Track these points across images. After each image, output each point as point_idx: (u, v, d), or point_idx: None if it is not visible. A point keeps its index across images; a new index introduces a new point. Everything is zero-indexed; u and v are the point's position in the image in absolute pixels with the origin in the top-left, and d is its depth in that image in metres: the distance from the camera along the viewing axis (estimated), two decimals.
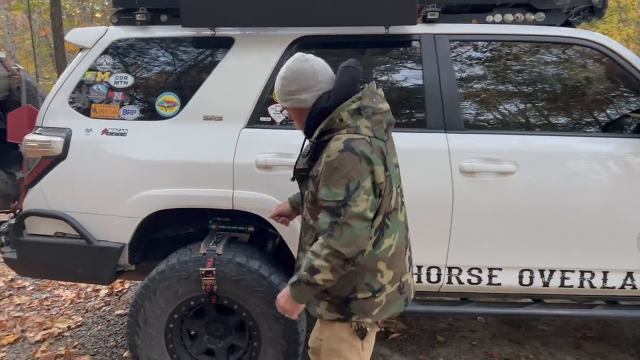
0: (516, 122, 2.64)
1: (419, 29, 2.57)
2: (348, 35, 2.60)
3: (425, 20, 2.60)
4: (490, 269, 2.53)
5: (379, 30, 2.55)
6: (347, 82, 1.80)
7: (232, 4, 2.50)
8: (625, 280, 2.51)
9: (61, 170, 2.57)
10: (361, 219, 1.66)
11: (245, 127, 2.56)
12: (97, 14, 19.88)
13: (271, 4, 2.50)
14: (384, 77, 2.70)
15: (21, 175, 3.00)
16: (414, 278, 2.55)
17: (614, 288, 2.52)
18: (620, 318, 3.35)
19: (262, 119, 2.58)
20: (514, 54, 2.65)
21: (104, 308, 3.93)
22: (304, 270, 1.70)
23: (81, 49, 2.73)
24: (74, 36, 2.75)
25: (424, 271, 2.56)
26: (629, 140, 2.48)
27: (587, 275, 2.51)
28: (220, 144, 2.54)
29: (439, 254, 2.52)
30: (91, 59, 2.67)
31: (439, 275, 2.56)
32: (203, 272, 2.42)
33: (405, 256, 1.91)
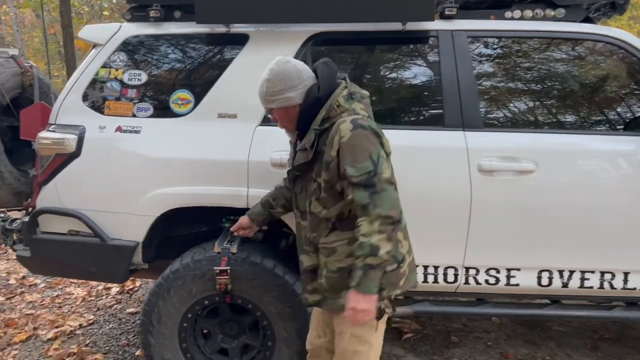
0: (535, 120, 2.59)
1: (436, 25, 2.53)
2: (364, 32, 2.56)
3: (443, 17, 2.55)
4: (509, 270, 2.49)
5: (395, 26, 2.51)
6: (331, 74, 1.94)
7: (247, 0, 2.47)
8: None
9: (75, 168, 2.55)
10: (390, 184, 1.77)
11: (260, 125, 2.53)
12: (105, 12, 19.95)
13: (286, 0, 2.47)
14: (400, 74, 2.66)
15: (34, 173, 3.00)
16: (430, 278, 2.53)
17: (635, 289, 2.47)
18: None
19: None
20: (533, 50, 2.60)
21: (115, 306, 3.93)
22: (365, 257, 1.71)
23: (94, 46, 2.71)
24: (87, 33, 2.73)
25: (440, 271, 2.52)
26: None
27: (608, 276, 2.46)
28: (234, 141, 2.51)
29: (456, 254, 2.48)
30: (104, 55, 2.65)
31: (455, 275, 2.52)
32: (217, 271, 2.40)
33: None
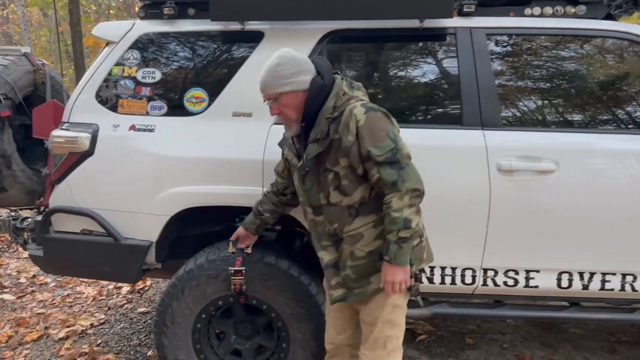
0: (556, 119, 2.55)
1: (454, 22, 2.48)
2: (381, 29, 2.52)
3: (461, 14, 2.51)
4: (528, 271, 2.45)
5: (412, 23, 2.46)
6: (329, 66, 2.02)
7: None
8: None
9: (88, 167, 2.53)
10: (409, 158, 1.86)
11: (275, 124, 2.49)
12: (112, 11, 19.98)
13: None
14: (417, 73, 2.62)
15: (46, 172, 2.98)
16: (447, 280, 2.49)
17: None
18: None
19: None
20: (553, 48, 2.55)
21: (126, 306, 3.91)
22: (399, 230, 1.79)
23: (107, 44, 2.69)
24: (100, 30, 2.70)
25: (458, 273, 2.48)
26: None
27: (629, 279, 2.42)
28: (249, 140, 2.47)
29: (474, 255, 2.44)
30: (118, 53, 2.62)
31: (473, 277, 2.47)
32: (232, 272, 2.37)
33: None
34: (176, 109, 2.57)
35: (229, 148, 2.48)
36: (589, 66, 2.57)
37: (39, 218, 2.64)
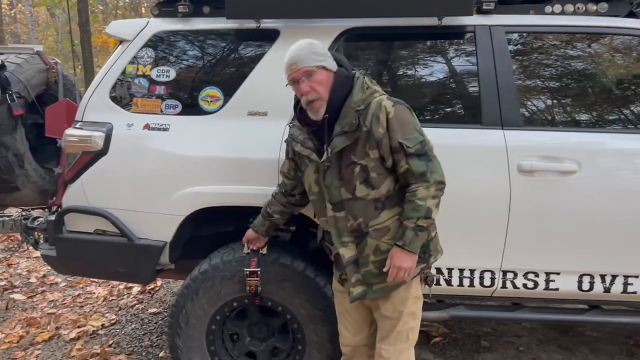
0: (578, 119, 2.50)
1: (473, 20, 2.44)
2: (398, 27, 2.48)
3: (480, 11, 2.47)
4: (548, 274, 2.40)
5: (431, 21, 2.42)
6: (348, 61, 2.04)
7: None
8: None
9: (102, 166, 2.50)
10: (434, 152, 1.90)
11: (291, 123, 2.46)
12: (119, 11, 20.03)
13: None
14: (435, 71, 2.58)
15: (59, 171, 2.97)
16: (465, 282, 2.45)
17: None
18: None
19: None
20: (574, 46, 2.50)
21: (137, 306, 3.89)
22: (418, 218, 1.83)
23: (121, 42, 2.66)
24: (114, 28, 2.68)
25: (476, 275, 2.43)
26: None
27: None
28: (265, 140, 2.44)
29: (493, 257, 2.39)
30: (132, 51, 2.59)
31: (492, 279, 2.43)
32: (247, 273, 2.34)
33: None
34: (191, 107, 2.54)
35: (245, 147, 2.45)
36: (610, 65, 2.52)
37: (52, 218, 2.62)
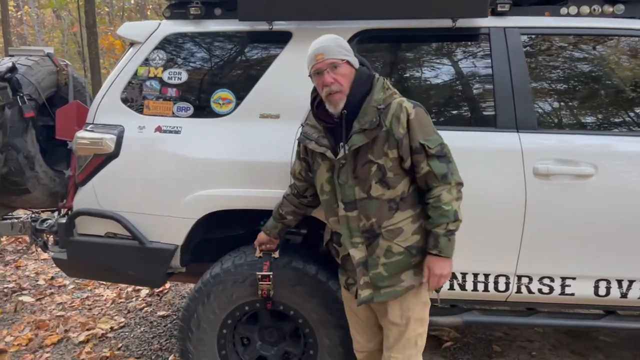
0: (594, 122, 2.47)
1: (488, 22, 2.42)
2: (412, 29, 2.46)
3: (495, 13, 2.44)
4: (564, 278, 2.37)
5: (445, 23, 2.40)
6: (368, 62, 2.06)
7: None
8: None
9: (113, 169, 2.49)
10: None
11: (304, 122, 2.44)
12: (125, 13, 20.08)
13: None
14: (449, 73, 2.55)
15: (69, 173, 2.95)
16: (480, 287, 2.42)
17: None
18: None
19: None
20: (590, 48, 2.47)
21: (145, 309, 3.87)
22: (448, 223, 1.84)
23: (132, 44, 2.65)
24: (125, 30, 2.66)
25: (491, 279, 2.40)
26: None
27: None
28: (277, 143, 2.42)
29: (508, 262, 2.36)
30: (144, 54, 2.58)
31: (507, 284, 2.40)
32: (259, 276, 2.32)
33: None
34: (203, 110, 2.52)
35: (257, 150, 2.43)
36: (626, 67, 2.49)
37: (63, 221, 2.61)
